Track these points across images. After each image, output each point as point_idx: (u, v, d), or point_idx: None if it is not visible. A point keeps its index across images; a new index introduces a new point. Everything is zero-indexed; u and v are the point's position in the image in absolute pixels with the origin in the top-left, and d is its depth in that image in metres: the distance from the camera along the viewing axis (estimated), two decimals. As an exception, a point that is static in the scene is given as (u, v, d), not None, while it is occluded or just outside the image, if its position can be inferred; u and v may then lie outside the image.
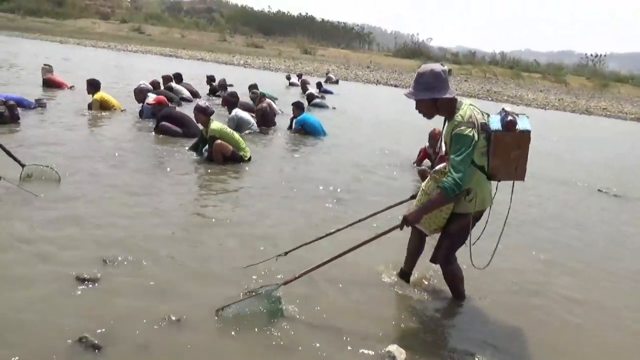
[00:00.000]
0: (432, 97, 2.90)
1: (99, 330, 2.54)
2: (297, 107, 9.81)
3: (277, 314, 2.90)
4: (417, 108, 3.00)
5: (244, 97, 11.32)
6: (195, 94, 13.06)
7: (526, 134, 2.88)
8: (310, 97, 14.61)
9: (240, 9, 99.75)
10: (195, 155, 6.66)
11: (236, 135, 6.64)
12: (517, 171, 2.94)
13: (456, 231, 3.06)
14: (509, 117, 2.85)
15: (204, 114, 6.47)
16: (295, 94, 16.98)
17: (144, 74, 16.06)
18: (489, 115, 2.97)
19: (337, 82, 25.09)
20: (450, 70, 12.68)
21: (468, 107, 2.90)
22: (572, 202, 6.58)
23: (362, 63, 48.32)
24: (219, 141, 6.32)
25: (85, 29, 56.23)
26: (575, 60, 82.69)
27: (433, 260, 3.19)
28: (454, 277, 3.23)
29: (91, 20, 65.46)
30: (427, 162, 7.08)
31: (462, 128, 2.82)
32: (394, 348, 2.56)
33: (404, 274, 3.47)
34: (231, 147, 6.39)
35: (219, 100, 12.94)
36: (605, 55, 75.20)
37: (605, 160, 10.77)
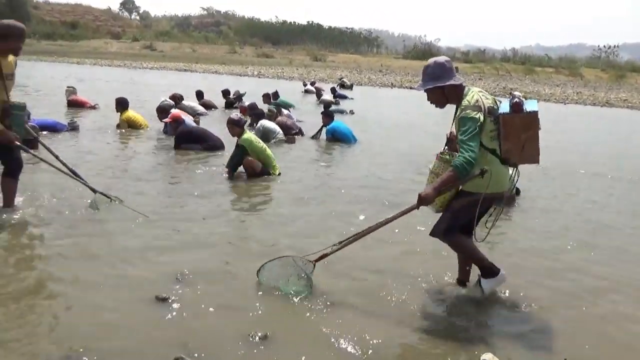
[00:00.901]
0: (437, 85, 3.07)
1: (192, 349, 2.56)
2: (327, 116, 9.90)
3: (305, 290, 3.23)
4: (428, 99, 3.20)
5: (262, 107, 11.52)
6: (213, 107, 13.48)
7: (533, 115, 2.98)
8: (327, 105, 14.67)
9: (247, 20, 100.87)
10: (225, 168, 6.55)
11: (268, 150, 6.60)
12: (528, 153, 3.03)
13: (460, 206, 3.13)
14: (515, 99, 2.99)
15: (237, 125, 6.49)
16: (312, 101, 17.07)
17: (166, 88, 16.31)
18: (500, 102, 3.13)
19: (351, 87, 25.14)
20: (457, 68, 12.56)
21: (476, 93, 3.08)
22: None
23: (373, 67, 48.37)
24: (249, 158, 6.32)
25: (98, 49, 57.26)
26: (587, 53, 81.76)
27: (432, 233, 3.26)
28: (460, 244, 3.22)
29: (104, 40, 66.73)
30: None
31: (467, 111, 2.98)
32: (489, 357, 2.52)
33: (461, 282, 3.48)
34: (260, 165, 6.35)
35: (235, 112, 13.24)
36: (617, 46, 74.17)
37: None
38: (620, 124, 17.93)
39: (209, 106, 13.45)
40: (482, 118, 2.96)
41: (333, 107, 14.69)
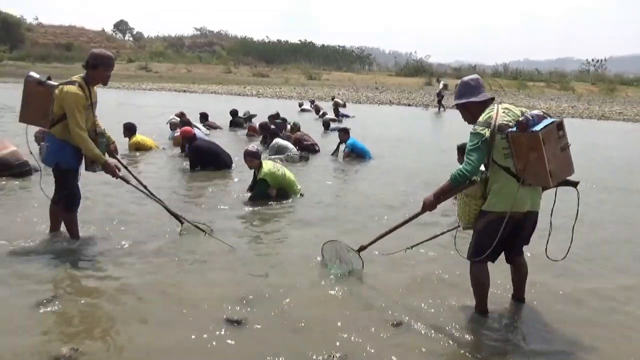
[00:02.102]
0: (459, 102, 3.32)
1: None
2: (345, 132, 10.22)
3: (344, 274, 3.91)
4: (462, 115, 3.40)
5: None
6: (218, 129, 13.79)
7: (535, 135, 2.90)
8: (326, 124, 14.95)
9: (240, 40, 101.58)
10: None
11: (288, 174, 6.67)
12: (535, 173, 2.98)
13: (480, 228, 3.25)
14: (522, 118, 2.99)
15: (256, 158, 6.54)
16: (309, 120, 17.29)
17: (170, 109, 16.44)
18: (544, 117, 3.06)
19: (344, 105, 25.23)
20: (446, 85, 13.16)
21: (495, 110, 3.16)
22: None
23: (368, 84, 48.82)
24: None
25: (94, 70, 57.37)
26: (575, 67, 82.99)
27: (467, 256, 3.38)
28: (475, 277, 3.34)
29: (99, 61, 66.71)
30: None
31: (475, 127, 3.15)
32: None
33: (516, 298, 3.63)
34: (275, 190, 6.43)
35: (241, 132, 13.77)
36: (605, 60, 75.49)
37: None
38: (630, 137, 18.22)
39: (213, 128, 13.64)
40: (487, 134, 3.05)
41: (334, 126, 14.98)
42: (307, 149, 10.18)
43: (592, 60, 71.10)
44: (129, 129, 9.69)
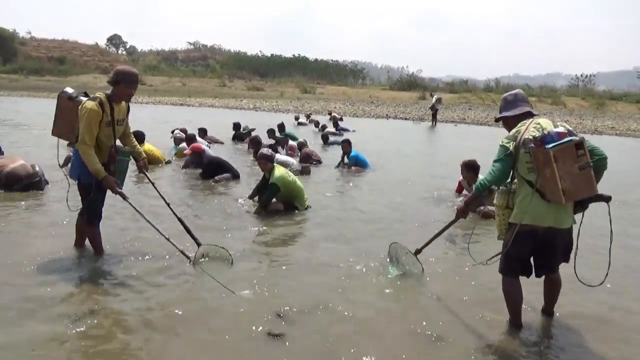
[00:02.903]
0: (496, 117, 3.59)
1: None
2: (349, 144, 10.49)
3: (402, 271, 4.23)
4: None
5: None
6: (219, 143, 13.82)
7: (546, 152, 3.00)
8: (325, 137, 15.15)
9: (234, 54, 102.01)
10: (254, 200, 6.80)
11: (298, 182, 6.76)
12: (550, 189, 3.05)
13: (506, 240, 3.34)
14: (539, 134, 3.10)
15: (270, 161, 6.66)
16: (305, 133, 17.42)
17: (171, 124, 16.51)
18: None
19: (341, 119, 25.38)
20: (440, 99, 13.54)
21: (526, 124, 3.27)
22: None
23: (363, 98, 49.17)
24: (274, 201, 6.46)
25: (88, 84, 57.10)
26: (564, 82, 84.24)
27: (499, 269, 3.46)
28: (505, 292, 3.41)
29: (92, 75, 66.61)
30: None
31: (502, 139, 3.30)
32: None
33: (545, 312, 3.70)
34: (282, 206, 6.53)
35: (241, 145, 14.03)
36: (594, 75, 76.82)
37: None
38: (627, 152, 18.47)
39: (214, 142, 13.69)
40: (512, 147, 3.20)
41: (331, 139, 15.20)
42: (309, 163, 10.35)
43: (582, 75, 72.37)
44: (138, 137, 9.71)
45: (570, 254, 3.40)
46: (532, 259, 3.39)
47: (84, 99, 4.27)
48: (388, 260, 4.57)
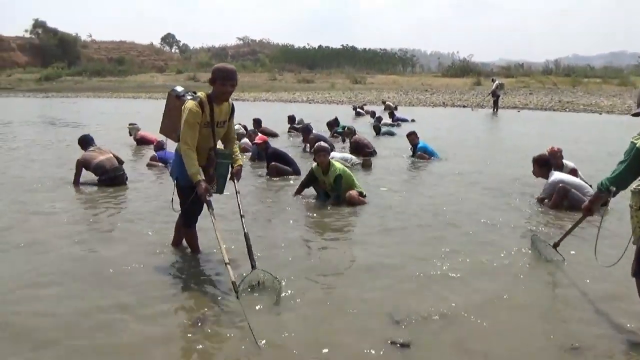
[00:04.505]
0: (632, 113, 3.21)
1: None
2: (416, 135, 10.37)
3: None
4: None
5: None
6: (274, 135, 13.82)
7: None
8: (377, 129, 14.92)
9: (282, 47, 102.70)
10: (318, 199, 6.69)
11: (353, 175, 6.72)
12: None
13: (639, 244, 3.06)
14: None
15: (328, 153, 6.56)
16: (364, 124, 17.19)
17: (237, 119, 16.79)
18: None
19: (396, 108, 24.90)
20: (502, 85, 12.95)
21: None
22: None
23: (415, 86, 48.19)
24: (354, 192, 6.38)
25: (146, 82, 59.51)
26: (630, 61, 78.78)
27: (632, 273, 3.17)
28: None
29: (150, 74, 69.23)
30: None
31: (635, 135, 3.05)
32: None
33: None
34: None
35: (294, 138, 14.07)
36: (666, 51, 71.39)
37: None
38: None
39: (268, 134, 13.67)
40: (638, 145, 2.97)
41: (384, 130, 14.97)
42: (365, 154, 10.17)
43: (651, 52, 67.49)
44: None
45: None
46: None
47: (189, 97, 4.13)
48: (533, 250, 4.69)
